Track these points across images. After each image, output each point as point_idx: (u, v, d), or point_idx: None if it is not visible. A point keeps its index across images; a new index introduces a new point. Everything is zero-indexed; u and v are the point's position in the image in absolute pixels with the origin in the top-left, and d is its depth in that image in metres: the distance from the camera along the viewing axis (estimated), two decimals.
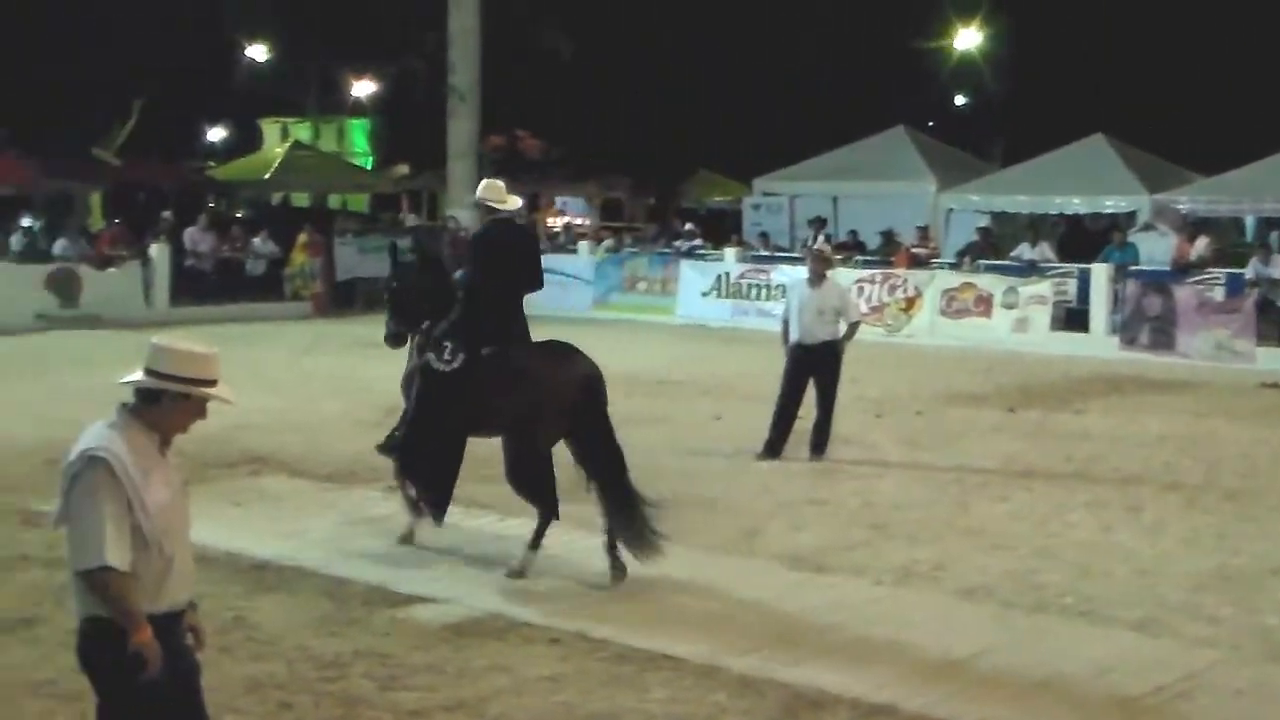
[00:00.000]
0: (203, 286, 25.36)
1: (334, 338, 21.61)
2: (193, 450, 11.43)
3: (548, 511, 8.72)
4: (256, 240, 27.05)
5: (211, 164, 41.43)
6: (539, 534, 8.71)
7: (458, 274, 9.33)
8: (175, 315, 22.84)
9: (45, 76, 34.32)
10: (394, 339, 9.43)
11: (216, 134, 49.25)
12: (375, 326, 18.37)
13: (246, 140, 46.95)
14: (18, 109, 35.12)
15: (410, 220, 33.01)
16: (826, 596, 8.27)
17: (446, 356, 8.75)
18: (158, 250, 24.63)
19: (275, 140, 44.52)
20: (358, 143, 48.07)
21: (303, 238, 26.94)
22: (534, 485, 8.70)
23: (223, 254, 26.42)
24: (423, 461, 9.06)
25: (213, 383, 4.62)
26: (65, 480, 4.48)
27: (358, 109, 45.76)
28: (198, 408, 4.64)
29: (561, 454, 8.86)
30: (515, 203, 9.36)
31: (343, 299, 26.72)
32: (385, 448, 9.35)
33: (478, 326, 8.82)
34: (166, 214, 27.75)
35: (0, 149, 33.20)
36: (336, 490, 10.81)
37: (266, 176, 34.43)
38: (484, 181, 9.43)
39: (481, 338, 8.80)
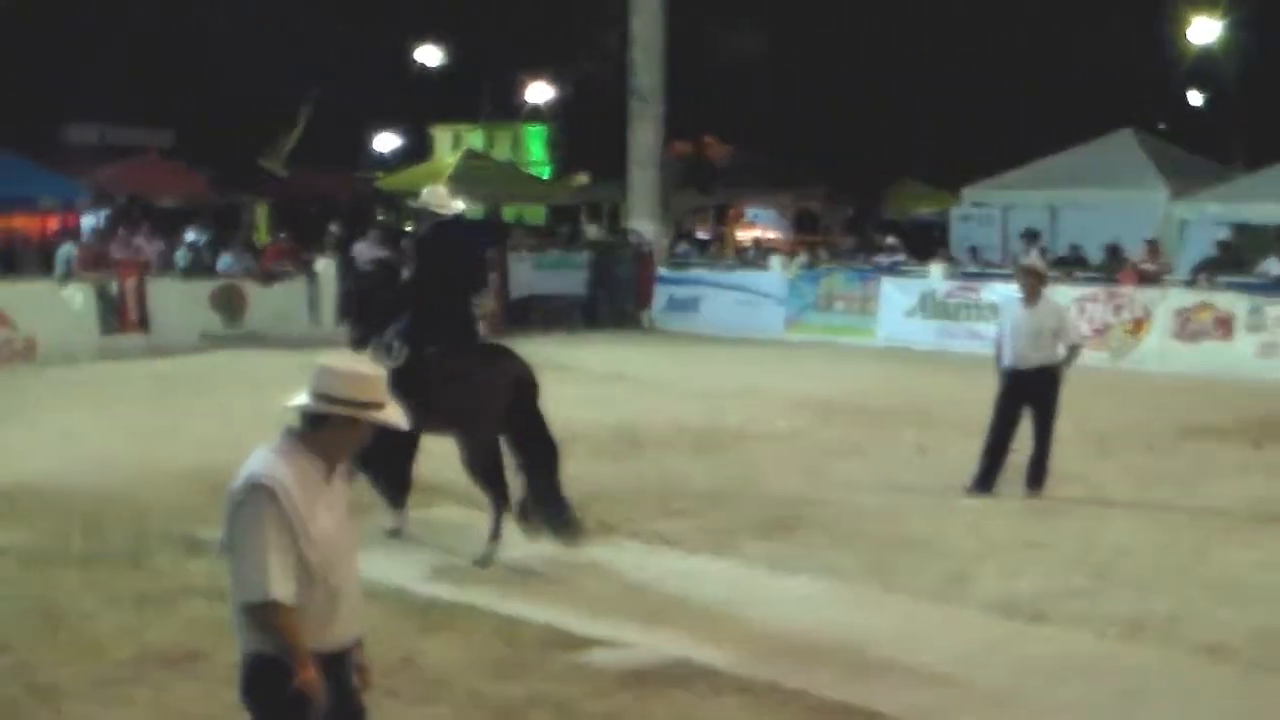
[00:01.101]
0: None
1: None
2: (359, 478, 11.72)
3: (498, 499, 9.86)
4: None
5: (381, 174, 42.44)
6: (495, 524, 9.82)
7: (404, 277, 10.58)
8: (342, 334, 23.28)
9: (211, 83, 35.58)
10: (357, 343, 10.55)
11: (386, 142, 50.46)
12: (554, 346, 18.69)
13: (417, 149, 48.03)
14: (184, 117, 36.48)
15: (591, 232, 33.32)
16: (1045, 650, 8.07)
17: (394, 355, 9.93)
18: (324, 265, 25.21)
19: (447, 148, 45.48)
20: (534, 150, 48.83)
21: None
22: (487, 476, 9.87)
23: None
24: (374, 456, 9.87)
25: (380, 405, 4.68)
26: (229, 508, 4.59)
27: (534, 114, 46.49)
28: (365, 432, 4.71)
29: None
30: (457, 207, 10.54)
31: (518, 317, 27.06)
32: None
33: (422, 326, 9.98)
34: (334, 227, 28.46)
35: (166, 159, 34.50)
36: (511, 523, 10.91)
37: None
38: (427, 188, 10.60)
39: (426, 337, 9.92)
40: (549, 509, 9.87)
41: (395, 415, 4.72)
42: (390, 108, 43.99)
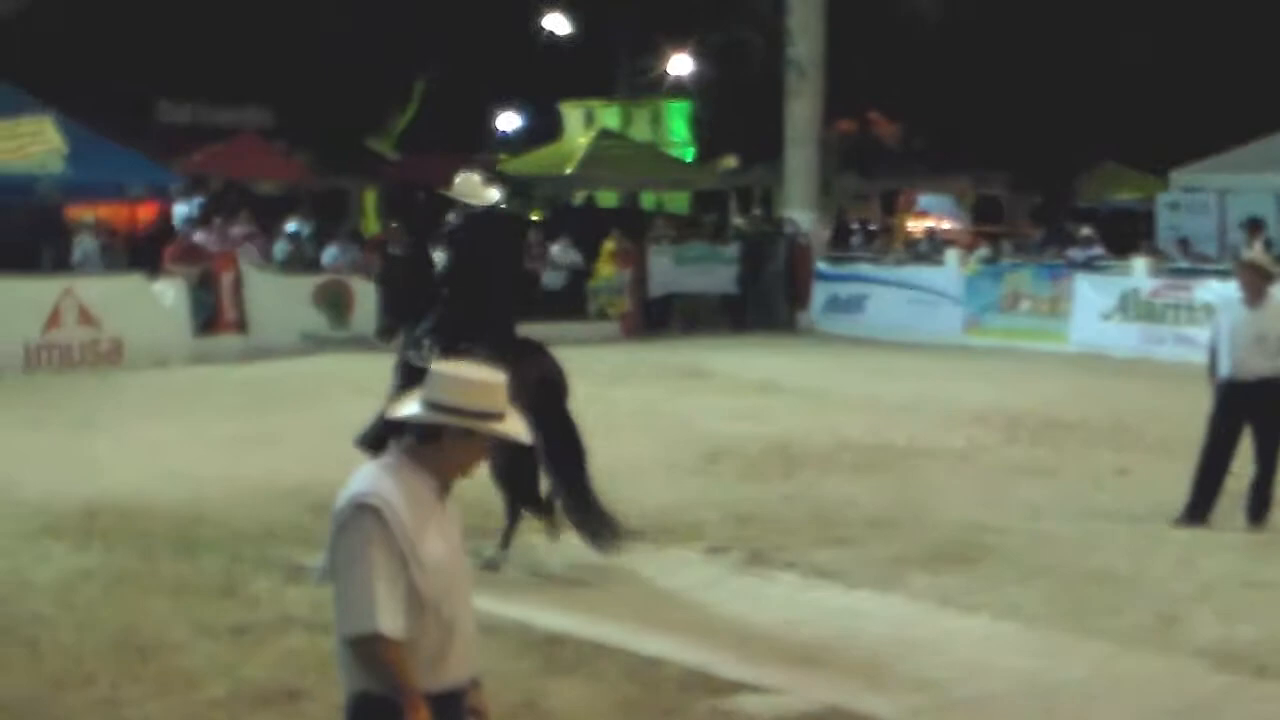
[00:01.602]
0: None
1: (646, 364, 21.97)
2: (473, 497, 11.77)
3: (524, 507, 10.70)
4: (555, 248, 27.78)
5: (503, 156, 42.77)
6: (509, 533, 10.63)
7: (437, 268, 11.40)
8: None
9: (314, 56, 36.09)
10: (385, 334, 11.82)
11: (509, 121, 50.89)
12: (697, 351, 18.69)
13: (544, 128, 48.34)
14: (284, 95, 37.01)
15: (740, 222, 33.32)
16: (1273, 709, 7.88)
17: (424, 352, 10.75)
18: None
19: (578, 128, 45.67)
20: (676, 130, 48.85)
21: (609, 245, 27.53)
22: (516, 484, 10.63)
23: None
24: None
25: (500, 416, 4.70)
26: (332, 530, 4.64)
27: (676, 89, 46.54)
28: (482, 446, 4.73)
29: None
30: (491, 197, 11.59)
31: (657, 318, 27.15)
32: (360, 440, 10.94)
33: (453, 324, 10.85)
34: (451, 216, 28.73)
35: (264, 140, 35.06)
36: (646, 550, 10.94)
37: (568, 171, 35.34)
38: (460, 176, 11.63)
39: (458, 334, 10.66)
40: (579, 516, 10.58)
41: (516, 427, 4.74)
42: (514, 82, 44.31)
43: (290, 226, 27.59)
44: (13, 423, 16.37)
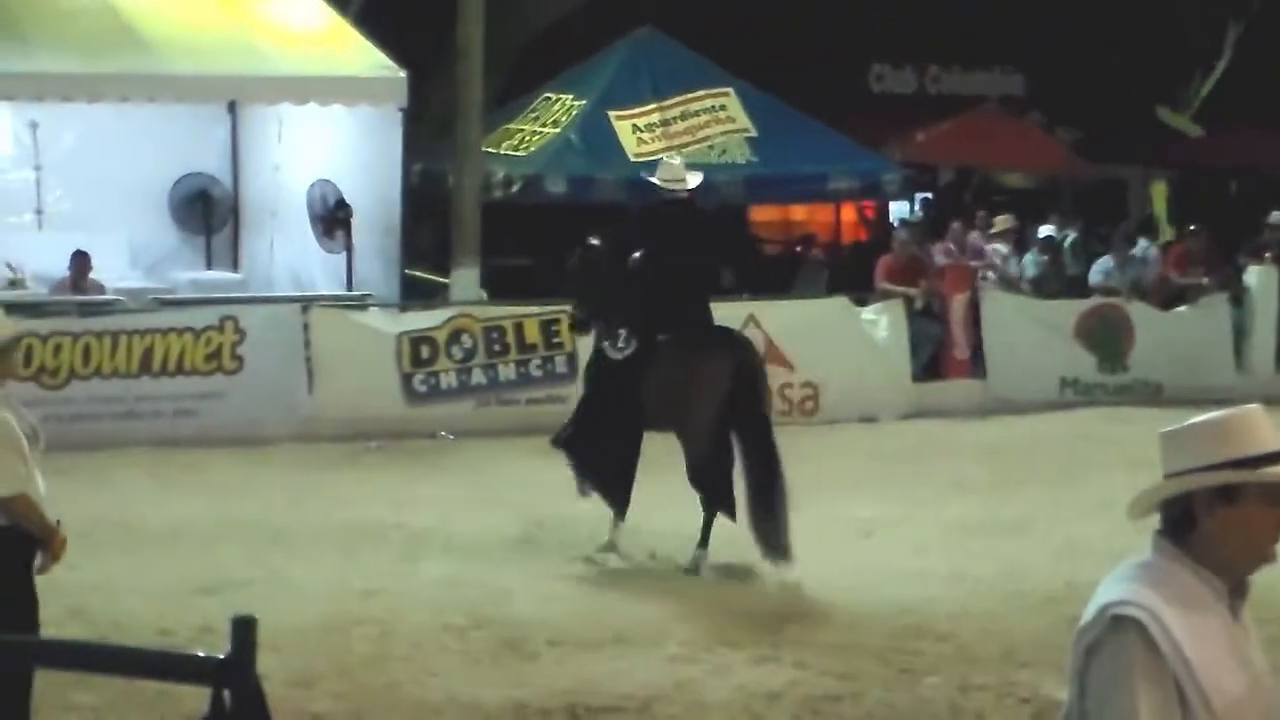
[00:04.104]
0: None
1: None
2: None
3: (717, 508, 13.85)
4: None
5: None
6: (706, 529, 13.88)
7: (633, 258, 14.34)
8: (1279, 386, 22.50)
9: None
10: (581, 326, 15.15)
11: None
12: None
13: None
14: (1040, 50, 37.12)
15: None
16: None
17: (620, 344, 13.97)
18: (1260, 276, 24.77)
19: None
20: None
21: None
22: (710, 483, 13.85)
23: None
24: (596, 457, 14.11)
25: (1275, 456, 4.68)
26: (1076, 653, 4.71)
27: None
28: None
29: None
30: (690, 182, 14.77)
31: None
32: (555, 440, 14.46)
33: (651, 314, 13.90)
34: (1277, 217, 27.99)
35: (1009, 115, 35.10)
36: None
37: None
38: (661, 161, 15.71)
39: (656, 326, 13.88)
40: (758, 519, 13.65)
41: None
42: None
43: (1045, 231, 27.61)
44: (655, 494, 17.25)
